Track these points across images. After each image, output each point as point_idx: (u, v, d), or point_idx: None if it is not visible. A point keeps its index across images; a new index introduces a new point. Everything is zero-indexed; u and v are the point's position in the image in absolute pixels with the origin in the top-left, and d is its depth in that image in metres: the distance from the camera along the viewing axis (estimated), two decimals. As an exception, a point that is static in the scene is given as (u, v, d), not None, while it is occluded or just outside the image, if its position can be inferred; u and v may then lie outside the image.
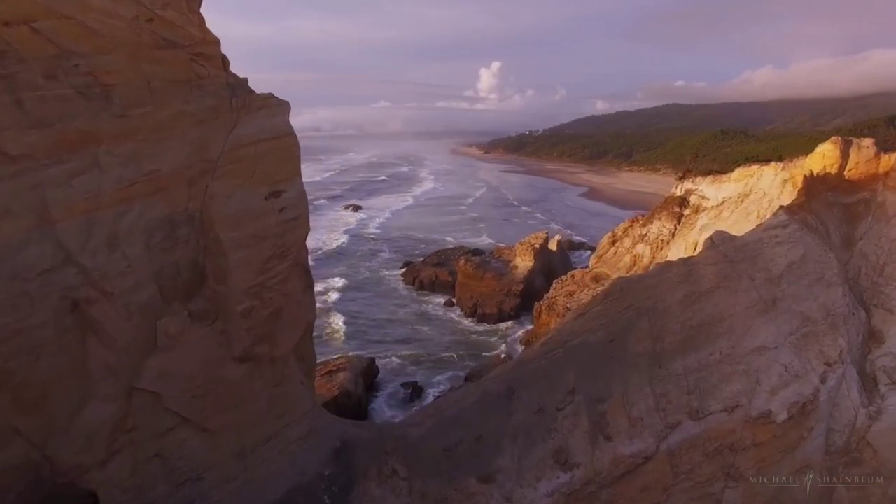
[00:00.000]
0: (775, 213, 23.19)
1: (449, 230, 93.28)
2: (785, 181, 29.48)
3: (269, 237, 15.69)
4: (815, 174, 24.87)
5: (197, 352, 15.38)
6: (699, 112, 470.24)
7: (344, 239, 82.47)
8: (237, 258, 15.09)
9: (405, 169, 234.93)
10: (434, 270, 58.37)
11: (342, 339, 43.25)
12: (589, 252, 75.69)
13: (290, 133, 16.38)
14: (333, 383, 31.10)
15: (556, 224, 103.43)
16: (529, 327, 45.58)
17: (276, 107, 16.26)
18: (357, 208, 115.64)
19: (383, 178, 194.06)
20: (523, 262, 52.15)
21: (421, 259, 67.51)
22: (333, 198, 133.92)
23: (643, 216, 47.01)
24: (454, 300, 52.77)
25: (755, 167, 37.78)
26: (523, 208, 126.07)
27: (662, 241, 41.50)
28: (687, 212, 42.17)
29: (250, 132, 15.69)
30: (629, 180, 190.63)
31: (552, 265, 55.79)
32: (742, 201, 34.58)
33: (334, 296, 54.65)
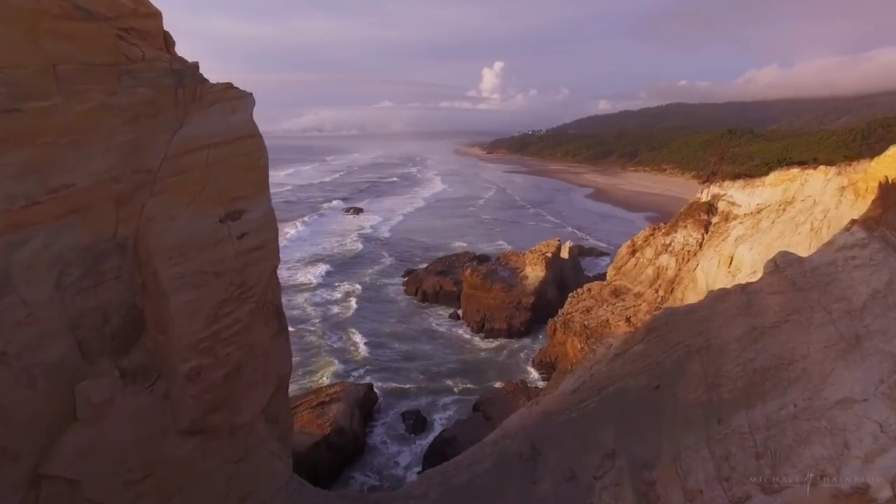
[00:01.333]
0: (848, 229, 19.26)
1: (462, 234, 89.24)
2: (842, 188, 25.55)
3: (225, 273, 11.85)
4: (890, 181, 20.93)
5: (131, 424, 11.59)
6: (703, 111, 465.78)
7: (352, 244, 78.68)
8: (181, 302, 11.28)
9: (413, 170, 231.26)
10: (438, 280, 54.47)
11: (334, 361, 39.37)
12: (601, 258, 71.83)
13: (253, 134, 12.54)
14: (325, 418, 27.29)
15: (568, 227, 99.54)
16: (542, 346, 41.73)
17: (237, 100, 12.42)
18: (361, 211, 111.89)
19: (394, 179, 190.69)
20: (534, 273, 48.25)
21: (424, 266, 63.62)
22: (343, 199, 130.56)
23: (665, 224, 43.03)
24: (459, 313, 48.89)
25: (795, 170, 33.83)
26: (532, 210, 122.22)
27: (689, 251, 37.59)
28: (715, 219, 38.25)
29: (201, 133, 11.88)
30: (635, 181, 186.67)
31: (564, 275, 51.93)
32: (784, 210, 30.66)
33: (328, 310, 50.76)
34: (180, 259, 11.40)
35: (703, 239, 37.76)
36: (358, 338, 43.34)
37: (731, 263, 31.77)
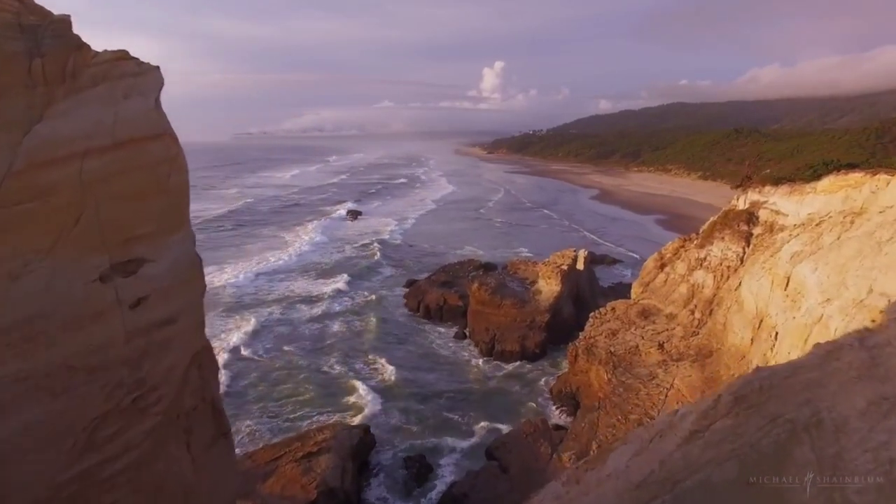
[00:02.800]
0: None
1: (475, 238, 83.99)
2: (940, 199, 20.88)
3: (108, 367, 7.11)
4: None
5: None
6: (704, 111, 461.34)
7: (361, 252, 73.99)
8: (23, 424, 6.52)
9: (419, 171, 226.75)
10: (441, 293, 49.60)
11: (321, 392, 34.52)
12: (614, 267, 67.07)
13: (160, 134, 7.82)
14: (311, 476, 22.49)
15: (583, 230, 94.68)
16: (560, 371, 36.99)
17: (134, 78, 7.67)
18: (371, 215, 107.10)
19: (401, 180, 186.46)
20: (548, 287, 43.43)
21: (426, 276, 58.80)
22: (356, 201, 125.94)
23: (696, 234, 38.21)
24: (466, 332, 44.10)
25: (857, 175, 29.05)
26: (542, 212, 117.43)
27: (728, 267, 32.81)
28: (757, 230, 33.48)
29: (74, 132, 7.18)
30: (640, 181, 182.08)
31: (580, 287, 47.13)
32: (853, 222, 25.92)
33: (316, 328, 45.91)
34: (25, 347, 6.63)
35: (745, 253, 32.94)
36: (350, 364, 38.56)
37: (787, 285, 26.96)
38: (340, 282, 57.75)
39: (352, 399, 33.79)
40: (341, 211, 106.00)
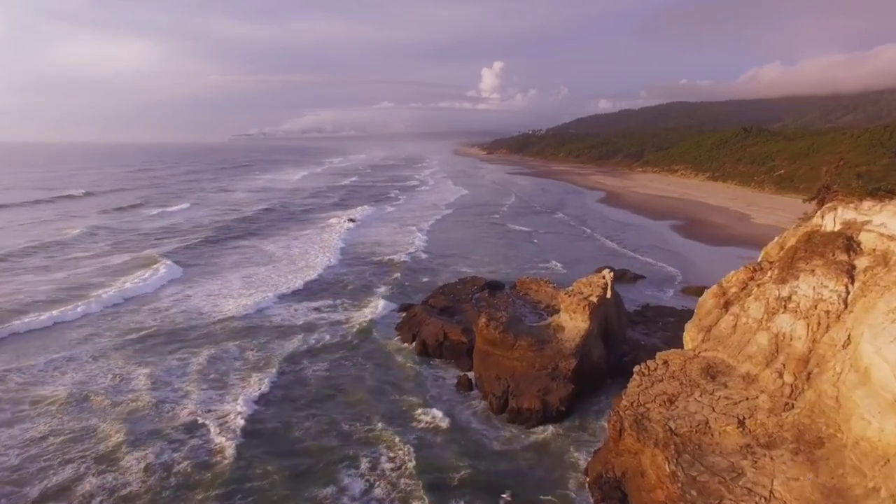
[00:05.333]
0: None
1: (501, 249, 74.55)
2: None
3: None
4: None
5: None
6: (705, 110, 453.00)
7: (378, 266, 65.23)
8: None
9: (426, 174, 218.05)
10: (441, 325, 40.50)
11: (284, 475, 25.51)
12: (637, 285, 58.14)
13: None
14: None
15: (600, 237, 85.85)
16: (596, 441, 28.13)
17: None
18: (391, 223, 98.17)
19: (412, 182, 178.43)
20: (573, 323, 34.49)
21: (423, 299, 49.93)
22: (372, 204, 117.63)
23: (769, 263, 29.25)
24: (472, 378, 35.27)
25: None
26: (557, 216, 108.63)
27: (827, 312, 23.99)
28: (863, 262, 24.65)
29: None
30: (646, 183, 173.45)
31: (609, 319, 38.26)
32: None
33: (297, 370, 37.07)
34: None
35: (849, 293, 24.06)
36: (328, 425, 29.61)
37: (947, 353, 18.11)
38: (306, 303, 48.85)
39: (323, 483, 24.77)
40: (346, 222, 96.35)
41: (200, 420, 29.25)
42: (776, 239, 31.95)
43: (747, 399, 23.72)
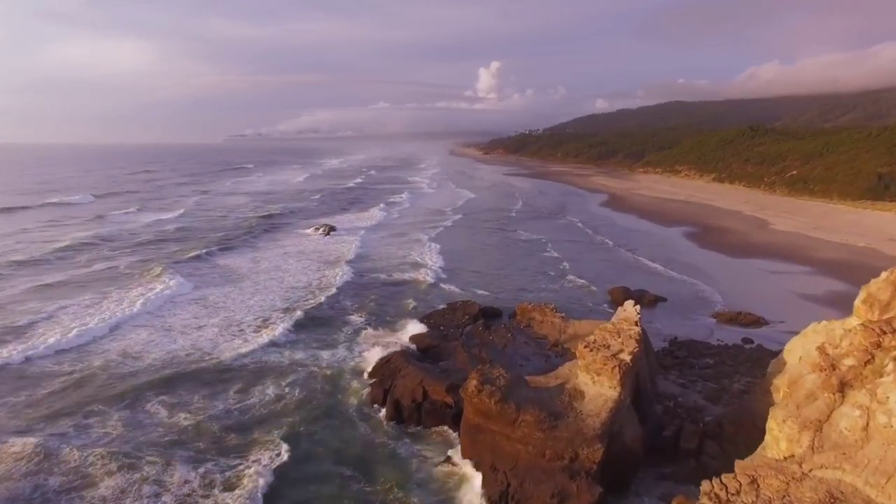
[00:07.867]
0: None
1: (517, 260, 65.06)
2: None
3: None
4: None
5: None
6: (703, 109, 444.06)
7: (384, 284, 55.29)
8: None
9: (428, 176, 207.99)
10: (420, 380, 30.60)
11: None
12: (658, 309, 48.44)
13: None
14: None
15: (615, 245, 76.31)
16: None
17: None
18: (407, 234, 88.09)
19: (418, 185, 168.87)
20: (597, 389, 24.80)
21: (399, 337, 40.12)
22: (383, 208, 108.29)
23: (879, 310, 19.65)
24: (458, 462, 25.61)
25: None
26: (566, 219, 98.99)
27: None
28: None
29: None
30: (649, 184, 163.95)
31: (639, 374, 28.62)
32: None
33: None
34: None
35: None
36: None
37: None
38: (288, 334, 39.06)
39: None
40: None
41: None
42: (883, 275, 22.30)
43: (907, 568, 14.17)
